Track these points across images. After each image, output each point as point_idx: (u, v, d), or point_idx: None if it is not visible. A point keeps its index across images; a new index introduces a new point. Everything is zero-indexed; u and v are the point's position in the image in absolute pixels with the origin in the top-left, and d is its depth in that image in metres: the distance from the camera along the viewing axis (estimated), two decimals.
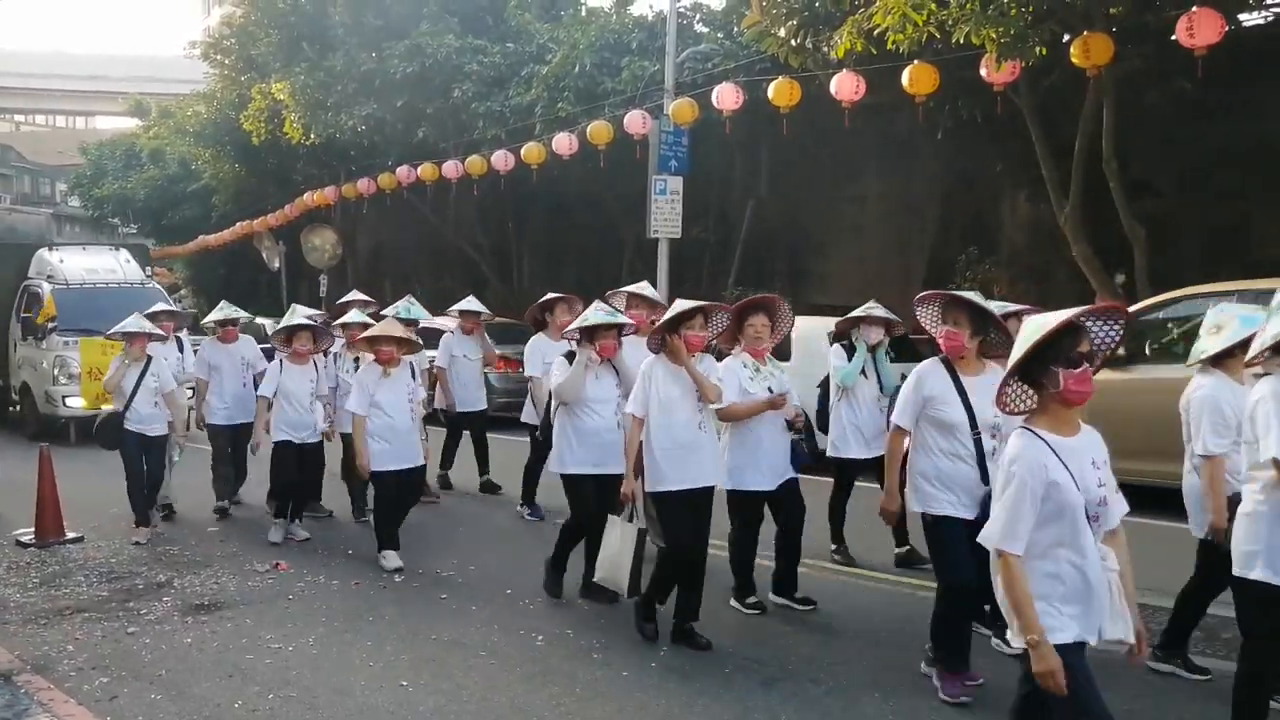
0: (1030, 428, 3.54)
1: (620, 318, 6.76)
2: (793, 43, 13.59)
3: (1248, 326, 4.75)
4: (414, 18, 21.39)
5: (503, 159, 19.22)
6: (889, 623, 6.36)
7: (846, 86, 12.61)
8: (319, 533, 9.00)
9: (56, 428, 14.47)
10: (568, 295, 9.09)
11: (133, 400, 8.70)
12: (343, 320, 9.61)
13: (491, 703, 5.25)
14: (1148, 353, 9.59)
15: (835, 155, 18.61)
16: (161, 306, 10.71)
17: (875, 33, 11.13)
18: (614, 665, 5.75)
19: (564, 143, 17.65)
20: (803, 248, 20.63)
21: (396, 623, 6.58)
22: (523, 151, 18.62)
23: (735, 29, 17.83)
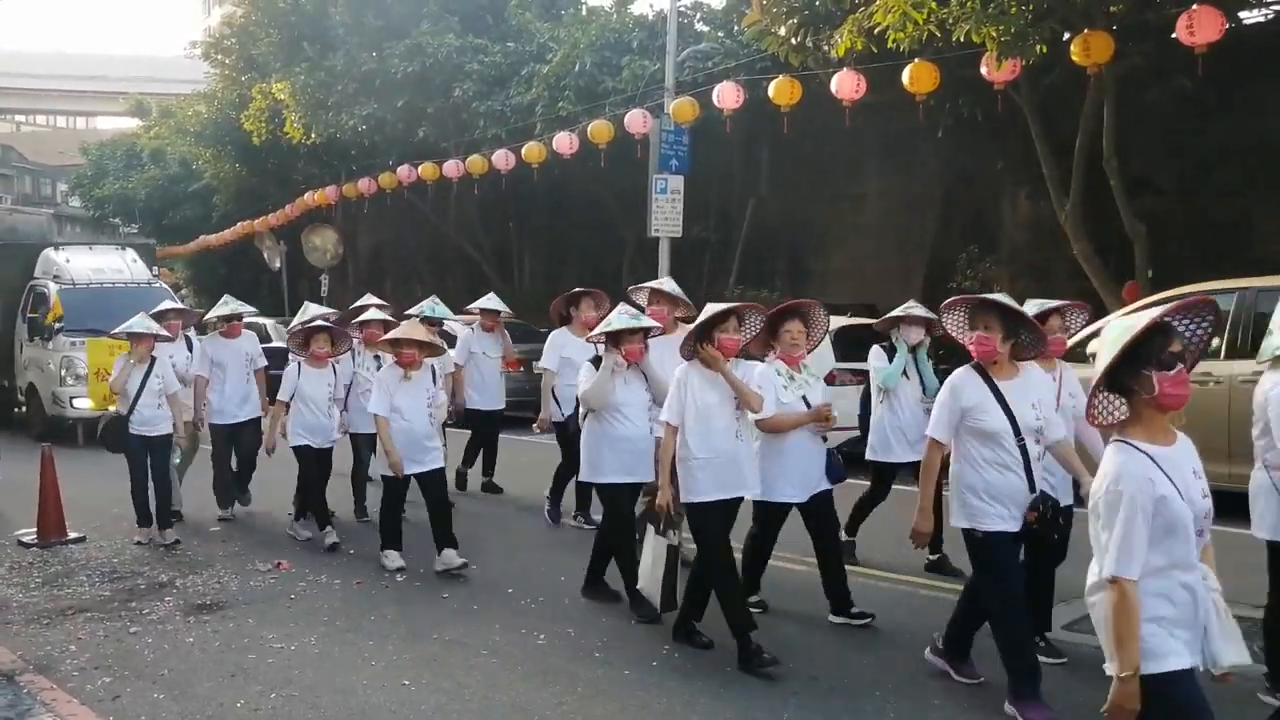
0: (1127, 440, 3.29)
1: (646, 321, 6.56)
2: (793, 41, 13.59)
3: None
4: (414, 17, 21.39)
5: (503, 158, 19.22)
6: (891, 621, 6.36)
7: (847, 85, 12.61)
8: (318, 532, 8.94)
9: (64, 429, 14.41)
10: (594, 290, 8.97)
11: (137, 402, 8.60)
12: (364, 318, 9.40)
13: (493, 702, 5.25)
14: None
15: (836, 154, 18.61)
16: (169, 305, 10.51)
17: (876, 31, 11.12)
18: (616, 664, 5.76)
19: (565, 142, 17.65)
20: (803, 246, 20.64)
21: (398, 622, 6.59)
22: (523, 151, 18.63)
23: (736, 28, 17.84)
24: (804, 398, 6.12)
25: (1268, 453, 4.92)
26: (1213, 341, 8.46)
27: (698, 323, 5.79)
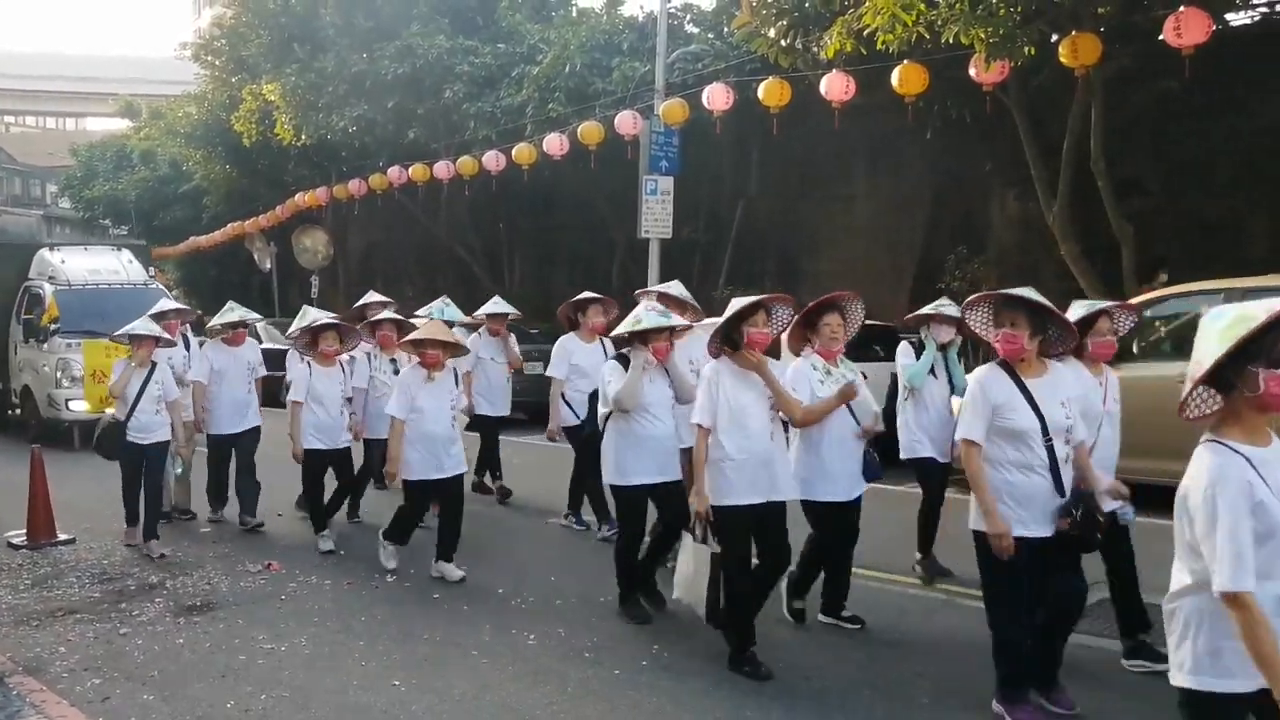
0: (1221, 440, 3.03)
1: (675, 319, 6.47)
2: (782, 43, 13.60)
3: None
4: (405, 19, 21.36)
5: (494, 159, 19.22)
6: (881, 620, 6.38)
7: (836, 87, 12.63)
8: (309, 534, 8.90)
9: (59, 431, 14.30)
10: (603, 297, 8.89)
11: (135, 408, 8.34)
12: (378, 317, 9.30)
13: (484, 702, 5.27)
14: (1135, 351, 9.62)
15: (825, 155, 18.63)
16: (169, 305, 10.33)
17: (865, 33, 11.14)
18: (606, 664, 5.78)
19: (555, 143, 17.64)
20: (793, 247, 20.65)
21: (389, 623, 6.60)
22: (514, 152, 18.62)
23: (725, 29, 17.83)
24: None
25: None
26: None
27: (725, 316, 5.60)
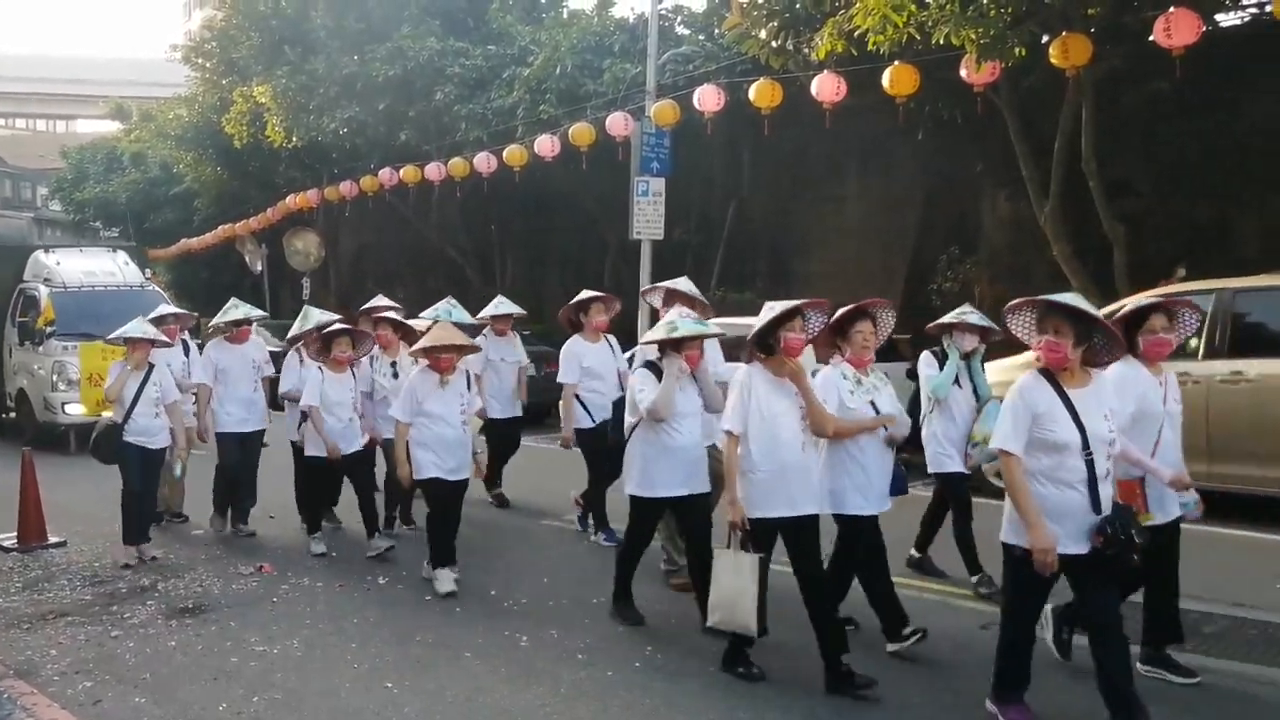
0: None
1: (711, 327, 6.31)
2: (773, 44, 13.62)
3: None
4: (395, 20, 21.35)
5: (485, 161, 19.19)
6: (876, 622, 6.36)
7: (827, 88, 12.65)
8: (300, 536, 8.87)
9: (55, 435, 14.15)
10: (604, 295, 8.77)
11: (132, 411, 8.12)
12: (376, 316, 9.18)
13: (476, 704, 5.26)
14: None
15: (817, 156, 18.65)
16: (167, 309, 10.18)
17: (856, 34, 11.16)
18: (599, 665, 5.77)
19: (546, 145, 17.62)
20: (785, 248, 20.66)
21: (381, 625, 6.59)
22: (505, 153, 18.60)
23: (716, 31, 17.84)
24: (872, 403, 5.73)
25: None
26: (1190, 342, 8.50)
27: (763, 321, 5.37)
